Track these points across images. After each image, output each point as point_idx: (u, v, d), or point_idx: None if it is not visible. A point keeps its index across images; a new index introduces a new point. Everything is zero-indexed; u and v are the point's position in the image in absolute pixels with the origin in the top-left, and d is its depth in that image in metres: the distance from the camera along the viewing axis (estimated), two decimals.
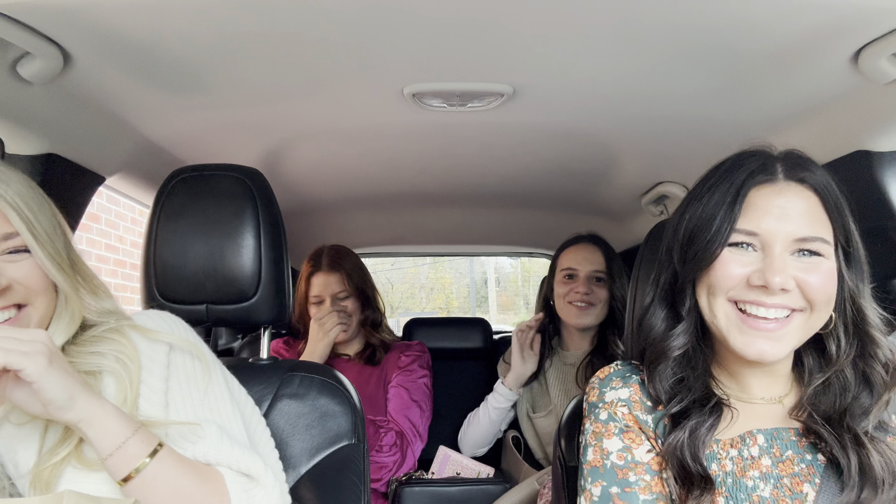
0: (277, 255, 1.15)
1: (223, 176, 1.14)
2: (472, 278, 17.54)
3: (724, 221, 0.88)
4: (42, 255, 0.83)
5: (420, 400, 1.97)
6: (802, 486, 0.87)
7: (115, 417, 0.79)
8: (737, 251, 0.89)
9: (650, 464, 0.91)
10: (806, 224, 0.87)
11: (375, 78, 1.20)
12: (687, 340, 0.94)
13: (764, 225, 0.87)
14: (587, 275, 1.99)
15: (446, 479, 1.92)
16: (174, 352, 0.93)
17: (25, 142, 1.21)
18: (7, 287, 0.82)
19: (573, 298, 1.98)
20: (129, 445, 0.78)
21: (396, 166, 1.83)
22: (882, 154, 1.29)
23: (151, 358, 0.91)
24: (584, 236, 2.08)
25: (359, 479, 1.05)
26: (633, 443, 0.92)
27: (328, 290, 1.97)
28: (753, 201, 0.89)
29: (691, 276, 0.92)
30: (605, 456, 0.92)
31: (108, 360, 0.88)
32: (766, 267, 0.86)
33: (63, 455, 0.82)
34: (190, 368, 0.93)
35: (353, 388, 1.14)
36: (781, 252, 0.86)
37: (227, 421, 0.91)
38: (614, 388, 0.97)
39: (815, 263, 0.87)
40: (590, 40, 1.04)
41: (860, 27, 0.97)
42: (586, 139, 1.57)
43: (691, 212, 0.93)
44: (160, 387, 0.89)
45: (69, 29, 0.96)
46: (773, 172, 0.91)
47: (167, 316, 0.98)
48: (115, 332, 0.90)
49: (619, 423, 0.93)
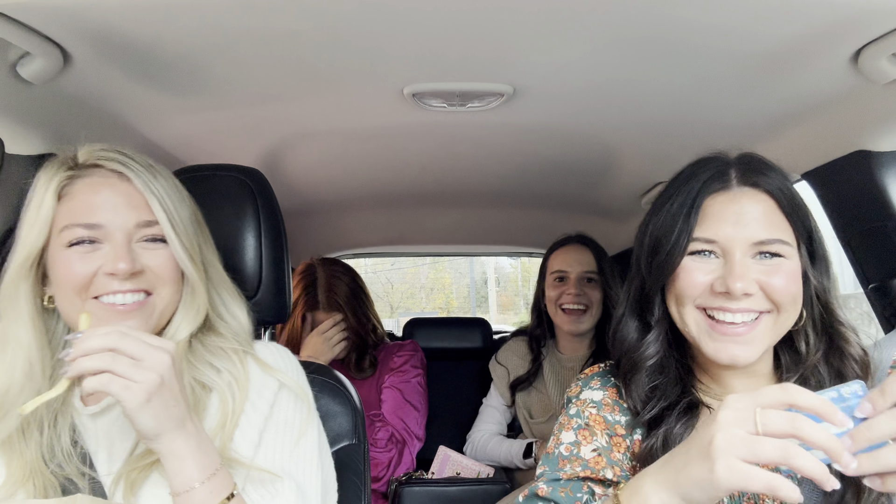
0: (278, 255, 1.15)
1: (223, 176, 1.14)
2: (472, 278, 17.54)
3: (681, 231, 0.90)
4: (177, 245, 0.89)
5: (414, 400, 1.96)
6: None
7: (194, 460, 0.78)
8: (698, 259, 0.91)
9: (590, 461, 0.93)
10: (763, 227, 0.89)
11: (375, 78, 1.20)
12: (658, 349, 0.97)
13: (721, 232, 0.89)
14: (578, 276, 1.96)
15: (446, 479, 1.92)
16: (282, 391, 0.94)
17: (25, 142, 1.21)
18: (140, 272, 0.87)
19: (566, 301, 1.95)
20: (197, 492, 0.77)
21: (396, 166, 1.83)
22: (882, 154, 1.30)
23: (259, 393, 0.92)
24: (572, 237, 2.05)
25: (359, 479, 1.05)
26: (585, 440, 0.95)
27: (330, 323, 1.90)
28: (709, 210, 0.91)
29: (657, 286, 0.94)
30: (557, 445, 0.96)
31: (221, 380, 0.91)
32: (727, 273, 0.87)
33: (151, 460, 0.83)
34: (290, 415, 0.93)
35: (354, 389, 1.14)
36: (742, 257, 0.88)
37: (307, 481, 0.90)
38: (592, 387, 1.02)
39: (776, 265, 0.88)
40: (590, 40, 1.04)
41: (860, 27, 0.97)
42: (586, 139, 1.57)
43: (653, 223, 0.95)
44: (259, 424, 0.90)
45: (69, 29, 0.96)
46: (727, 180, 0.93)
47: (286, 353, 1.00)
48: (236, 354, 0.93)
49: (581, 420, 0.97)
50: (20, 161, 1.23)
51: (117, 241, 0.86)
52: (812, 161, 1.44)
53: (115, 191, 0.88)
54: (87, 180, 0.89)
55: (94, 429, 0.89)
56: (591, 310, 1.95)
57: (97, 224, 0.86)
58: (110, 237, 0.87)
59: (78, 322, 0.84)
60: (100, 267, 0.85)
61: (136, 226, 0.88)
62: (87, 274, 0.85)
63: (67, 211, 0.87)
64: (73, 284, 0.85)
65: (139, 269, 0.87)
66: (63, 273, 0.86)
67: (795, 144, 1.42)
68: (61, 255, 0.87)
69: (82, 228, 0.86)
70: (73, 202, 0.88)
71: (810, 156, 1.43)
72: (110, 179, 0.89)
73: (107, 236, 0.87)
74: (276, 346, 1.02)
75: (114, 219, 0.87)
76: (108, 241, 0.87)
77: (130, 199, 0.88)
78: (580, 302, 1.94)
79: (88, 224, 0.86)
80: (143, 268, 0.88)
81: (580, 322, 1.94)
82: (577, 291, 1.94)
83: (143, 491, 0.84)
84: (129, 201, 0.88)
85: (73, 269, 0.85)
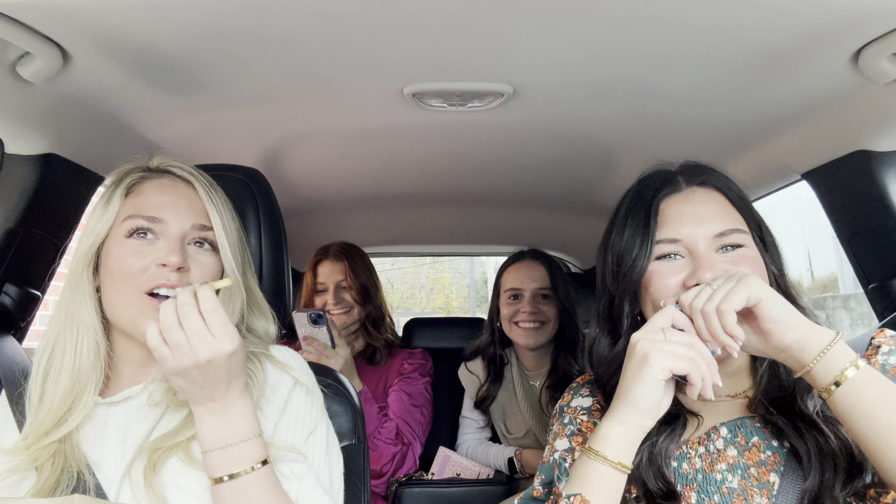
0: (278, 256, 1.15)
1: (223, 176, 1.14)
2: (472, 278, 17.53)
3: (644, 238, 0.95)
4: (227, 251, 0.96)
5: (420, 405, 1.97)
6: (769, 476, 0.89)
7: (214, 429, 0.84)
8: (665, 262, 0.94)
9: None
10: (720, 220, 0.94)
11: (375, 78, 1.20)
12: None
13: (683, 231, 0.94)
14: (532, 293, 1.96)
15: (446, 479, 1.92)
16: (295, 389, 0.99)
17: (25, 142, 1.21)
18: (187, 270, 0.93)
19: (521, 319, 1.95)
20: (215, 455, 0.83)
21: (396, 166, 1.83)
22: (882, 154, 1.30)
23: (274, 389, 0.97)
24: (525, 253, 2.05)
25: (359, 479, 1.05)
26: (579, 445, 0.99)
27: (332, 279, 2.02)
28: (666, 213, 0.96)
29: (626, 295, 0.98)
30: (552, 453, 1.01)
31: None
32: (696, 267, 0.91)
33: (178, 440, 0.88)
34: (303, 411, 0.97)
35: (354, 389, 1.13)
36: (706, 251, 0.92)
37: (319, 472, 0.94)
38: (582, 395, 1.06)
39: (740, 255, 0.93)
40: (589, 40, 1.04)
41: (860, 27, 0.97)
42: (586, 139, 1.57)
43: (613, 240, 0.99)
44: (274, 417, 0.95)
45: (69, 29, 0.96)
46: (676, 182, 0.99)
47: (296, 354, 1.05)
48: (254, 354, 0.97)
49: (573, 427, 1.02)
50: (20, 161, 1.23)
51: (172, 237, 0.93)
52: (812, 161, 1.44)
53: (180, 193, 0.97)
54: (156, 181, 0.99)
55: (105, 416, 0.94)
56: (546, 325, 1.96)
57: (158, 218, 0.94)
58: (167, 233, 0.94)
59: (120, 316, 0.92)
60: (153, 261, 0.92)
61: (192, 227, 0.95)
62: (141, 266, 0.91)
63: (133, 205, 0.96)
64: (127, 275, 0.91)
65: (187, 267, 0.93)
66: (118, 263, 0.92)
67: (795, 144, 1.42)
68: (119, 245, 0.93)
69: (144, 220, 0.93)
70: (139, 198, 0.96)
71: (810, 156, 1.43)
72: (177, 183, 0.99)
73: (164, 232, 0.94)
74: (286, 348, 1.05)
75: (174, 217, 0.94)
76: (164, 236, 0.94)
77: (192, 203, 0.97)
78: (535, 319, 1.95)
79: (150, 217, 0.94)
80: (189, 267, 0.93)
81: (536, 336, 1.95)
82: (531, 309, 1.95)
83: (165, 472, 0.88)
84: (191, 205, 0.97)
85: (128, 260, 0.92)
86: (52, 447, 0.88)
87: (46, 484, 0.86)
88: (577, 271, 3.08)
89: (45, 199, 1.26)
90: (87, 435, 0.93)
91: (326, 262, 2.05)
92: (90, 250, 0.94)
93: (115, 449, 0.91)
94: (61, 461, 0.88)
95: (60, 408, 0.91)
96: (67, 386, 0.92)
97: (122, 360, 0.97)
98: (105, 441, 0.92)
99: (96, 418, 0.94)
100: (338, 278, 2.02)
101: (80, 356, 0.93)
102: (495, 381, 2.06)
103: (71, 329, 0.94)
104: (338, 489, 0.98)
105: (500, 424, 2.06)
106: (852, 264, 1.43)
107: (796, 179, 1.55)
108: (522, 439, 2.00)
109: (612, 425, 0.86)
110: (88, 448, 0.92)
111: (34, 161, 1.23)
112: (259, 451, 0.85)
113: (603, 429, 0.87)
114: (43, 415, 0.90)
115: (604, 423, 0.88)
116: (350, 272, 2.02)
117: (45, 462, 0.87)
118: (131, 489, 0.87)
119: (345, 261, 2.04)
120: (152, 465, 0.87)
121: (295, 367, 1.01)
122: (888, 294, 1.36)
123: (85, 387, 0.92)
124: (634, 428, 0.86)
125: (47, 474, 0.86)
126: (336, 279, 2.02)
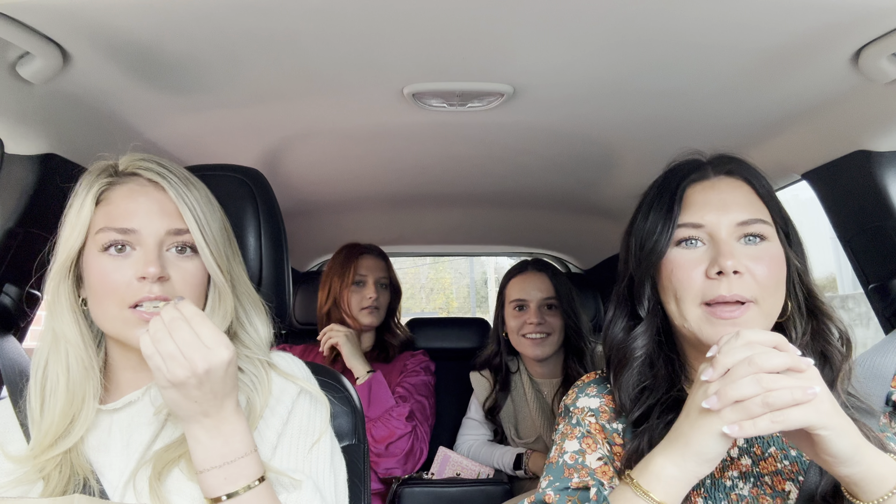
0: (278, 256, 1.15)
1: (223, 176, 1.14)
2: (472, 278, 17.53)
3: (667, 221, 0.94)
4: (207, 252, 0.92)
5: (426, 395, 1.99)
6: (785, 485, 0.88)
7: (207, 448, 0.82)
8: (686, 248, 0.93)
9: (597, 471, 0.94)
10: (744, 210, 0.93)
11: (375, 78, 1.20)
12: (648, 341, 0.98)
13: (707, 217, 0.93)
14: (538, 304, 1.97)
15: (446, 479, 1.92)
16: (300, 398, 0.98)
17: (25, 142, 1.21)
18: (167, 279, 0.90)
19: (528, 331, 1.96)
20: (211, 475, 0.81)
21: (396, 166, 1.83)
22: (882, 154, 1.29)
23: (279, 398, 0.96)
24: (529, 263, 2.06)
25: (359, 480, 1.05)
26: (589, 448, 0.97)
27: (375, 273, 2.07)
28: (692, 198, 0.95)
29: (646, 275, 0.97)
30: (560, 454, 0.98)
31: (244, 382, 0.94)
32: (717, 254, 0.90)
33: (182, 451, 0.87)
34: (306, 421, 0.96)
35: (354, 389, 1.13)
36: (728, 238, 0.91)
37: (322, 483, 0.93)
38: (588, 395, 1.04)
39: (762, 249, 0.91)
40: (590, 40, 1.04)
41: (860, 27, 0.97)
42: (586, 139, 1.57)
43: (637, 224, 1.00)
44: (277, 427, 0.94)
45: (69, 29, 0.96)
46: (704, 170, 0.98)
47: (298, 361, 1.04)
48: (258, 363, 0.97)
49: (582, 429, 0.99)
50: (20, 161, 1.23)
51: (148, 246, 0.90)
52: (812, 161, 1.44)
53: (150, 198, 0.93)
54: (125, 187, 0.94)
55: (109, 422, 0.93)
56: (553, 335, 1.96)
57: (131, 229, 0.90)
58: (142, 242, 0.91)
59: (109, 329, 0.90)
60: (132, 275, 0.89)
61: (167, 233, 0.92)
62: (121, 281, 0.89)
63: (104, 215, 0.92)
64: (109, 292, 0.89)
65: (167, 276, 0.90)
66: (98, 280, 0.90)
67: (796, 144, 1.42)
68: (96, 260, 0.90)
69: (116, 232, 0.90)
70: (109, 206, 0.92)
71: (810, 156, 1.43)
72: (146, 188, 0.94)
73: (139, 241, 0.91)
74: (288, 354, 1.05)
75: (147, 225, 0.91)
76: (140, 245, 0.91)
77: (163, 207, 0.92)
78: (541, 330, 1.95)
79: (122, 228, 0.90)
80: (169, 276, 0.91)
81: (543, 347, 1.96)
82: (538, 320, 1.95)
83: (170, 480, 0.87)
84: (162, 209, 0.92)
85: (109, 277, 0.89)
86: (58, 457, 0.88)
87: (54, 493, 0.85)
88: (578, 271, 3.08)
89: (45, 199, 1.25)
90: (92, 441, 0.92)
91: (370, 257, 2.10)
92: (65, 265, 0.91)
93: (118, 454, 0.91)
94: (68, 469, 0.87)
95: (62, 422, 0.90)
96: (65, 401, 0.91)
97: (120, 367, 0.96)
98: (109, 447, 0.92)
99: (100, 425, 0.93)
100: (379, 274, 2.08)
101: (71, 370, 0.92)
102: (503, 389, 2.07)
103: (57, 345, 0.92)
104: (342, 496, 0.97)
105: (511, 429, 2.06)
106: (852, 264, 1.43)
107: (796, 179, 1.55)
108: (533, 444, 2.01)
109: (666, 465, 0.80)
110: (93, 454, 0.91)
111: (34, 161, 1.23)
112: (256, 468, 0.84)
113: (655, 466, 0.81)
114: (45, 430, 0.89)
115: (656, 460, 0.81)
116: (389, 271, 2.12)
117: (51, 471, 0.87)
118: (135, 495, 0.87)
119: (386, 260, 2.13)
120: (157, 475, 0.86)
121: (299, 375, 1.00)
122: (888, 294, 1.36)
123: (83, 399, 0.91)
124: (690, 475, 0.79)
125: (55, 483, 0.86)
126: (377, 275, 2.08)
